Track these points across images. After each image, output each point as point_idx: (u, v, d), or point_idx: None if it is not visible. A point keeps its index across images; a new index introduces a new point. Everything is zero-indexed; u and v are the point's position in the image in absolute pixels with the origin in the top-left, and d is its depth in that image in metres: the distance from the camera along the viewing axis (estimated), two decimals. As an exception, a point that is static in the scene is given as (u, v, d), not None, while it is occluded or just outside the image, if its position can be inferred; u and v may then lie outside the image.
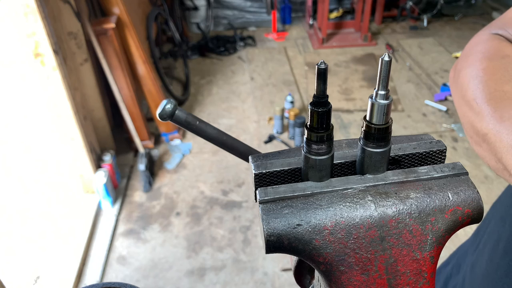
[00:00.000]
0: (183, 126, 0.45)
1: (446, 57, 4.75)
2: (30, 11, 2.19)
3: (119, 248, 2.59)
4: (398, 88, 4.17)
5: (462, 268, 0.97)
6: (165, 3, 4.44)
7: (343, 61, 4.73)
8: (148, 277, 2.41)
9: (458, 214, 0.38)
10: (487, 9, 5.93)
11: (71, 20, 2.67)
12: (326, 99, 0.37)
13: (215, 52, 4.96)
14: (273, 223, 0.36)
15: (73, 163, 2.76)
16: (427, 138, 0.45)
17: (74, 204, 2.81)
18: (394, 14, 5.65)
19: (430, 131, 3.56)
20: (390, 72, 0.36)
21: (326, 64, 0.35)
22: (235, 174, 3.15)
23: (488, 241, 0.86)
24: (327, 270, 0.36)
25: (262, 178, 0.41)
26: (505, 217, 0.81)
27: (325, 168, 0.39)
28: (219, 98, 4.13)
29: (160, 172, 3.19)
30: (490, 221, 0.89)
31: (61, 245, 2.53)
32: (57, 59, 2.37)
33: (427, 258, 0.37)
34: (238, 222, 2.74)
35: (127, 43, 3.07)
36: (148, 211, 2.86)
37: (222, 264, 2.47)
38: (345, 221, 0.36)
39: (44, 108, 2.54)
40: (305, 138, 0.39)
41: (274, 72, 4.55)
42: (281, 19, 5.61)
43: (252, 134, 3.60)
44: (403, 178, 0.39)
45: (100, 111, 3.06)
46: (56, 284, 2.33)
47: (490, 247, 0.83)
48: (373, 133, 0.38)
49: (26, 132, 2.73)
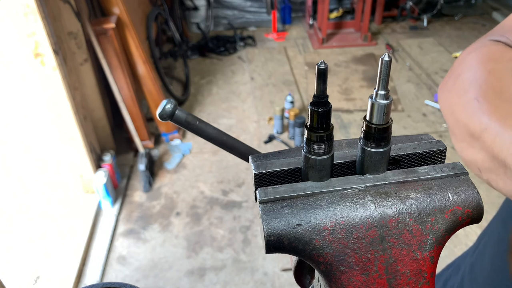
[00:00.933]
0: (183, 126, 0.45)
1: (446, 57, 4.75)
2: (30, 11, 2.19)
3: (119, 248, 2.59)
4: (398, 88, 4.17)
5: (461, 269, 0.97)
6: (165, 3, 4.44)
7: (343, 61, 4.73)
8: (148, 277, 2.41)
9: (458, 214, 0.38)
10: (487, 9, 5.93)
11: (71, 20, 2.67)
12: (326, 99, 0.37)
13: (215, 52, 4.96)
14: (273, 223, 0.36)
15: (73, 163, 2.76)
16: (427, 138, 0.45)
17: (74, 204, 2.81)
18: (394, 14, 5.65)
19: (430, 131, 3.56)
20: (390, 72, 0.36)
21: (326, 64, 0.35)
22: (235, 174, 3.15)
23: (489, 242, 0.85)
24: (327, 270, 0.36)
25: (262, 178, 0.41)
26: (507, 219, 0.81)
27: (325, 168, 0.39)
28: (219, 98, 4.13)
29: (160, 172, 3.19)
30: (491, 222, 0.89)
31: (61, 245, 2.53)
32: (57, 59, 2.37)
33: (427, 258, 0.37)
34: (238, 222, 2.74)
35: (127, 43, 3.07)
36: (148, 211, 2.86)
37: (222, 264, 2.47)
38: (345, 221, 0.36)
39: (44, 108, 2.54)
40: (305, 138, 0.38)
41: (274, 72, 4.55)
42: (281, 19, 5.61)
43: (252, 134, 3.60)
44: (403, 178, 0.39)
45: (100, 111, 3.06)
46: (56, 284, 2.33)
47: (492, 249, 0.83)
48: (373, 133, 0.38)
49: (26, 132, 2.73)
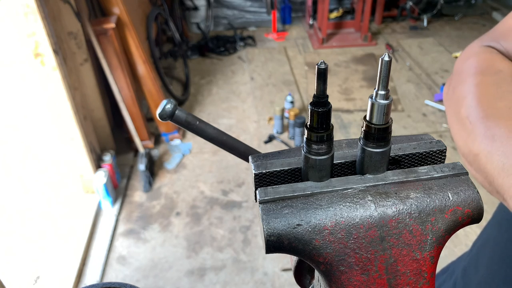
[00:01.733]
0: (183, 126, 0.45)
1: (446, 57, 4.75)
2: (30, 11, 2.19)
3: (119, 248, 2.59)
4: (398, 88, 4.17)
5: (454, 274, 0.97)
6: (165, 3, 4.44)
7: (343, 61, 4.73)
8: (148, 277, 2.41)
9: (458, 214, 0.38)
10: (487, 9, 5.93)
11: (71, 20, 2.67)
12: (326, 99, 0.37)
13: (215, 52, 4.96)
14: (273, 223, 0.36)
15: (73, 163, 2.76)
16: (427, 138, 0.45)
17: (74, 204, 2.81)
18: (394, 14, 5.65)
19: (430, 131, 3.56)
20: (390, 72, 0.36)
21: (326, 64, 0.35)
22: (235, 174, 3.15)
23: (484, 246, 0.85)
24: (327, 270, 0.36)
25: (262, 178, 0.41)
26: (502, 222, 0.80)
27: (325, 168, 0.39)
28: (219, 98, 4.13)
29: (160, 172, 3.19)
30: (486, 227, 0.88)
31: (61, 245, 2.53)
32: (57, 59, 2.37)
33: (427, 258, 0.37)
34: (238, 222, 2.74)
35: (127, 43, 3.07)
36: (148, 211, 2.86)
37: (222, 264, 2.47)
38: (345, 221, 0.36)
39: (44, 108, 2.54)
40: (305, 138, 0.39)
41: (274, 72, 4.55)
42: (281, 19, 5.61)
43: (252, 134, 3.60)
44: (403, 178, 0.39)
45: (100, 111, 3.06)
46: (56, 284, 2.33)
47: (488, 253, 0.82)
48: (373, 133, 0.38)
49: (26, 132, 2.73)
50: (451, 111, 0.64)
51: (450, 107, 0.65)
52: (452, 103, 0.65)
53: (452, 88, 0.67)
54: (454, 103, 0.64)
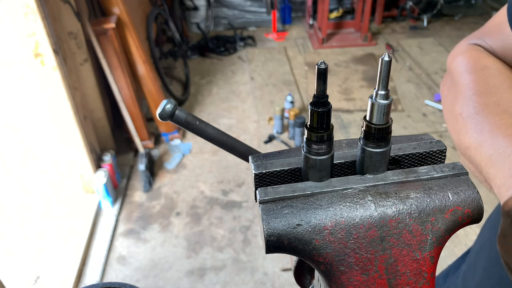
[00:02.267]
0: (183, 126, 0.45)
1: (446, 57, 4.73)
2: (30, 11, 2.19)
3: (119, 248, 2.59)
4: (398, 88, 4.17)
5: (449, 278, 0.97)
6: (165, 3, 4.44)
7: (343, 61, 4.73)
8: (148, 277, 2.41)
9: (458, 214, 0.38)
10: (487, 9, 5.93)
11: (71, 20, 2.67)
12: (326, 99, 0.37)
13: (215, 52, 4.96)
14: (273, 223, 0.36)
15: (73, 163, 2.76)
16: (427, 138, 0.45)
17: (74, 204, 2.81)
18: (394, 14, 5.65)
19: (430, 131, 3.56)
20: (390, 72, 0.36)
21: (326, 64, 0.35)
22: (235, 174, 3.15)
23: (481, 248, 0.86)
24: (327, 270, 0.36)
25: (262, 178, 0.41)
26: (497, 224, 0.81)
27: (325, 168, 0.39)
28: (219, 98, 4.13)
29: (160, 172, 3.19)
30: (483, 229, 0.89)
31: (61, 245, 2.53)
32: (57, 59, 2.37)
33: (427, 258, 0.37)
34: (238, 222, 2.74)
35: (127, 43, 3.07)
36: (148, 211, 2.86)
37: (222, 264, 2.47)
38: (345, 221, 0.36)
39: (44, 108, 2.54)
40: (305, 138, 0.39)
41: (274, 72, 4.55)
42: (281, 19, 5.61)
43: (252, 134, 3.60)
44: (403, 178, 0.40)
45: (100, 111, 3.06)
46: (56, 284, 2.33)
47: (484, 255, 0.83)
48: (373, 133, 0.38)
49: (26, 132, 2.73)
50: (447, 109, 0.70)
51: (446, 104, 0.71)
52: (447, 101, 0.71)
53: (447, 87, 0.73)
54: (449, 101, 0.70)
